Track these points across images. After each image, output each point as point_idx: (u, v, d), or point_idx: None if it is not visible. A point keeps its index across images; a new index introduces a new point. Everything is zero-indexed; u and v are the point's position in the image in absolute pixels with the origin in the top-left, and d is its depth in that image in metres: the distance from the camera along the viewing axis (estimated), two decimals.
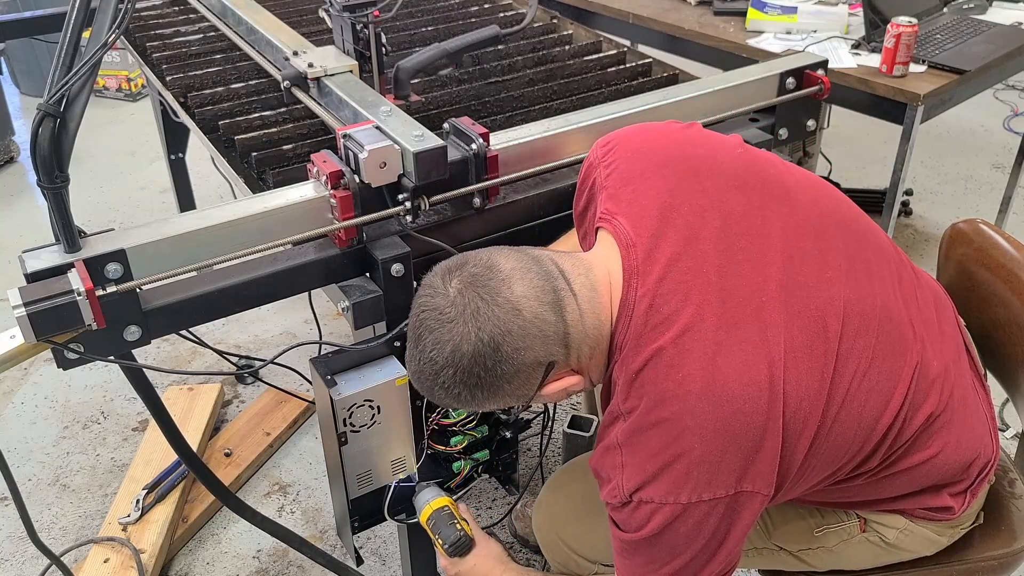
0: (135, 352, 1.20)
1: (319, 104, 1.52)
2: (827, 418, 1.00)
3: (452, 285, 0.99)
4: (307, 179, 1.26)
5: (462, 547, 1.29)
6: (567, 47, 1.99)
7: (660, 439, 0.97)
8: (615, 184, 1.11)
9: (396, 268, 1.22)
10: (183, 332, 1.21)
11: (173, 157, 2.69)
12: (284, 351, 1.25)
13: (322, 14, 1.68)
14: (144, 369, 1.27)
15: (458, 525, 1.30)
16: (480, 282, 0.98)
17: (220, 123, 1.61)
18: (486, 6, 2.26)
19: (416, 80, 1.65)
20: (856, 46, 2.25)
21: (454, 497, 1.43)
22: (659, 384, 0.97)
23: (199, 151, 2.13)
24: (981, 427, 1.17)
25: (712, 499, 0.96)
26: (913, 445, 1.08)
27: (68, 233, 1.07)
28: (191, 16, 2.19)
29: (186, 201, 2.81)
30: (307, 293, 1.32)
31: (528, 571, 1.31)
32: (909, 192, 3.33)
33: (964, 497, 1.17)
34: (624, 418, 1.00)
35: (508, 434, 1.40)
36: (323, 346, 1.29)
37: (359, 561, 1.47)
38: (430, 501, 1.32)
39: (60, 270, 1.07)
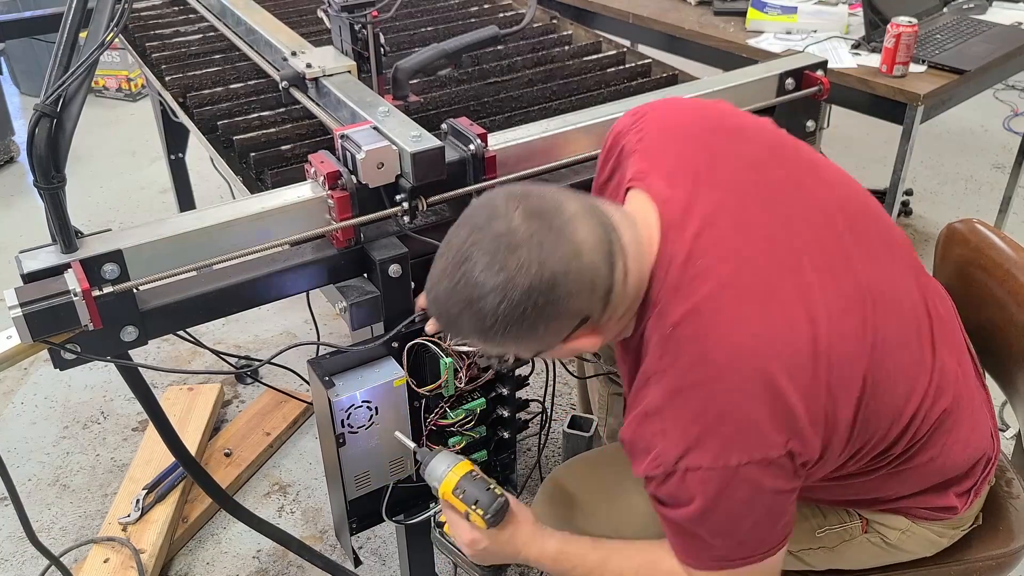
0: (133, 353, 1.20)
1: (317, 104, 1.52)
2: (866, 385, 0.97)
3: (516, 212, 0.92)
4: (305, 179, 1.26)
5: (503, 513, 1.13)
6: (567, 47, 1.99)
7: (702, 399, 0.93)
8: (647, 147, 1.09)
9: (394, 269, 1.22)
10: (181, 333, 1.21)
11: (173, 157, 2.69)
12: (280, 352, 1.25)
13: (321, 14, 1.68)
14: (141, 370, 1.27)
15: (495, 489, 1.14)
16: (547, 216, 0.92)
17: (219, 123, 1.61)
18: (485, 6, 2.26)
19: (415, 80, 1.64)
20: (856, 46, 2.25)
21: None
22: (698, 341, 0.94)
23: (199, 151, 2.13)
24: (984, 426, 1.17)
25: (764, 460, 0.92)
26: (929, 440, 1.08)
27: (65, 233, 1.07)
28: (190, 16, 2.19)
29: (186, 201, 2.81)
30: (305, 294, 1.32)
31: (571, 537, 1.17)
32: (909, 192, 3.32)
33: (968, 496, 1.17)
34: (659, 379, 0.96)
35: (506, 434, 1.40)
36: (321, 347, 1.29)
37: (357, 562, 1.47)
38: (451, 467, 1.16)
39: (57, 270, 1.07)
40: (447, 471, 1.15)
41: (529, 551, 1.14)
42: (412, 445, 1.22)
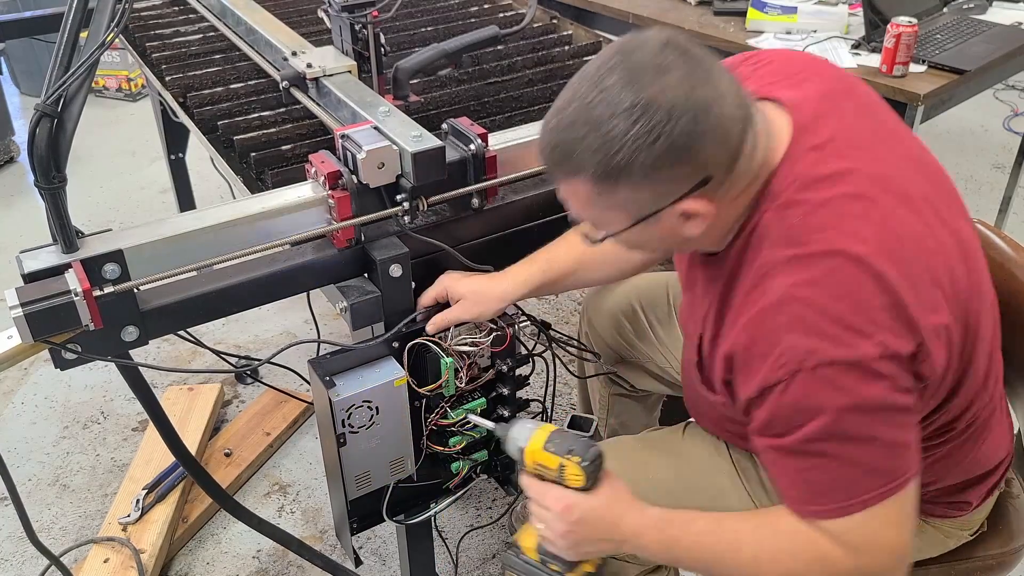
0: (133, 352, 1.20)
1: (318, 104, 1.52)
2: (970, 329, 0.97)
3: (665, 46, 0.89)
4: (305, 179, 1.26)
5: (600, 463, 1.05)
6: (567, 47, 1.99)
7: (835, 289, 0.89)
8: (764, 75, 1.08)
9: (394, 269, 1.22)
10: (181, 332, 1.21)
11: (173, 157, 2.69)
12: (280, 351, 1.24)
13: (321, 14, 1.68)
14: (142, 370, 1.27)
15: (588, 439, 1.07)
16: (694, 57, 0.89)
17: (219, 123, 1.61)
18: (486, 6, 2.26)
19: (415, 80, 1.64)
20: (856, 46, 2.25)
21: (454, 497, 1.43)
22: (832, 233, 0.91)
23: (199, 151, 2.13)
24: (1011, 424, 1.18)
25: (894, 354, 0.88)
26: (985, 424, 1.08)
27: (65, 233, 1.07)
28: (191, 16, 2.19)
29: (186, 201, 2.81)
30: (306, 294, 1.32)
31: (667, 512, 1.07)
32: None
33: (987, 496, 1.17)
34: (786, 269, 0.92)
35: None
36: (322, 346, 1.29)
37: (358, 562, 1.47)
38: (537, 427, 1.08)
39: (57, 270, 1.07)
40: (533, 430, 1.08)
41: (628, 518, 1.05)
42: (490, 424, 1.19)
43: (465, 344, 1.26)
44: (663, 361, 1.55)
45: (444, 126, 1.33)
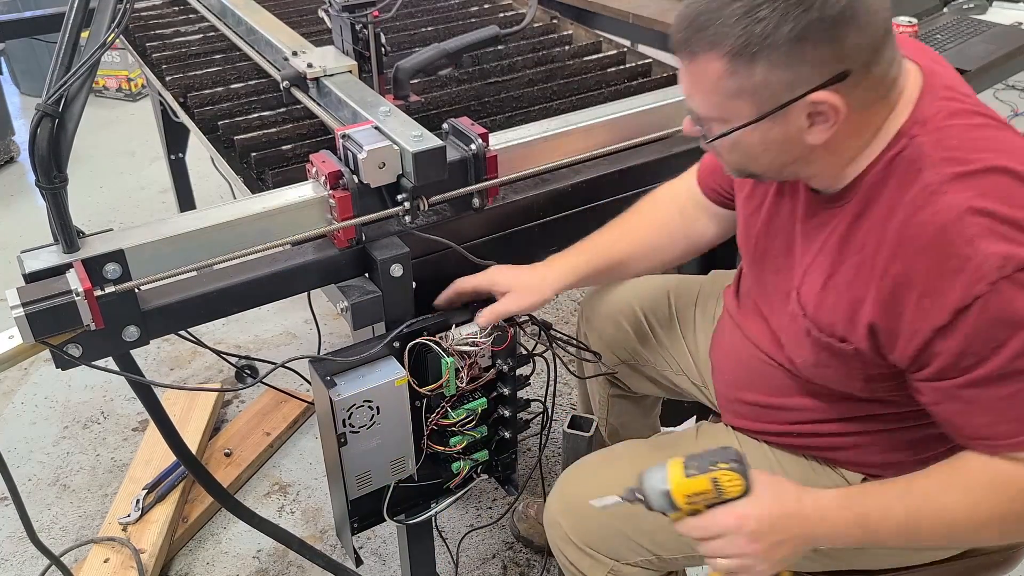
0: (133, 352, 1.20)
1: (318, 104, 1.52)
2: None
3: None
4: (306, 179, 1.26)
5: (745, 460, 1.00)
6: (567, 47, 1.99)
7: (1009, 200, 0.89)
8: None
9: (395, 268, 1.22)
10: (182, 332, 1.21)
11: (173, 157, 2.69)
12: (289, 361, 1.25)
13: (321, 14, 1.68)
14: (141, 369, 1.27)
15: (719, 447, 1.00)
16: None
17: (219, 123, 1.61)
18: (486, 6, 2.26)
19: (415, 80, 1.64)
20: None
21: (455, 497, 1.43)
22: (986, 153, 0.92)
23: (199, 151, 2.13)
24: None
25: None
26: None
27: (66, 233, 1.07)
28: (191, 16, 2.19)
29: (186, 201, 2.81)
30: (306, 293, 1.32)
31: (843, 489, 1.04)
32: None
33: None
34: (953, 188, 0.91)
35: (507, 434, 1.40)
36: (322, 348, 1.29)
37: (358, 562, 1.47)
38: (667, 464, 1.01)
39: (58, 270, 1.07)
40: (664, 469, 1.00)
41: (807, 502, 1.00)
42: (614, 498, 1.06)
43: (466, 344, 1.26)
44: (663, 365, 1.55)
45: (445, 126, 1.33)
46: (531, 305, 1.27)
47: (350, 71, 1.54)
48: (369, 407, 1.21)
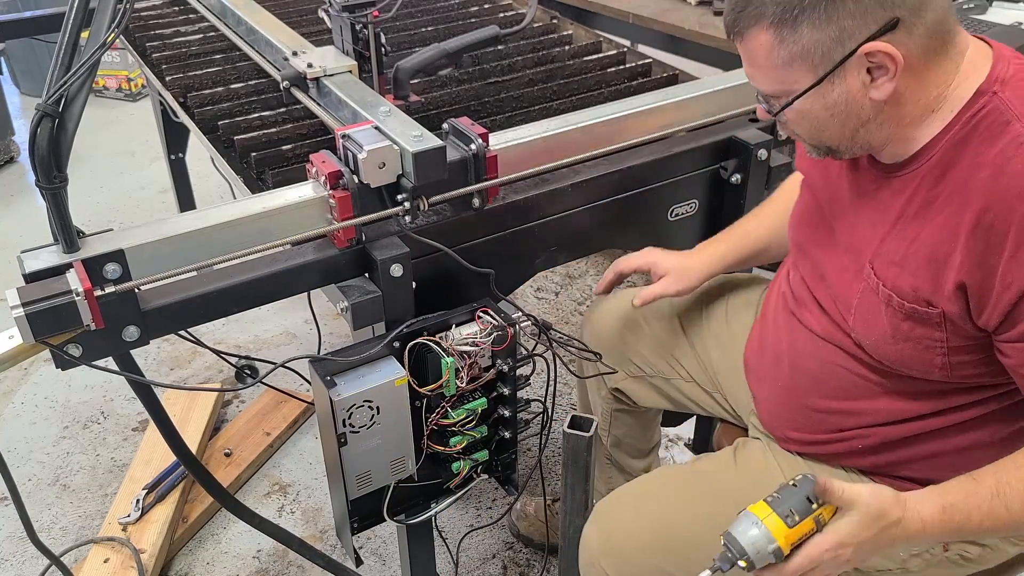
0: (133, 352, 1.20)
1: (318, 104, 1.52)
2: None
3: None
4: (306, 179, 1.26)
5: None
6: (567, 47, 1.99)
7: None
8: None
9: (395, 268, 1.22)
10: (182, 332, 1.21)
11: (173, 157, 2.69)
12: (289, 361, 1.25)
13: (322, 14, 1.68)
14: (142, 368, 1.27)
15: (794, 479, 0.97)
16: None
17: (220, 123, 1.61)
18: (486, 6, 2.26)
19: (415, 80, 1.64)
20: None
21: (455, 497, 1.43)
22: None
23: (199, 151, 2.13)
24: None
25: None
26: None
27: (67, 233, 1.07)
28: (191, 16, 2.19)
29: (186, 201, 2.81)
30: (306, 293, 1.32)
31: (938, 495, 0.99)
32: None
33: None
34: None
35: (507, 434, 1.40)
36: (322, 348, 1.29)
37: (358, 562, 1.47)
38: (758, 524, 0.96)
39: (59, 270, 1.07)
40: (757, 524, 0.95)
41: (907, 519, 0.96)
42: (708, 571, 0.99)
43: (466, 344, 1.26)
44: (670, 372, 1.53)
45: (445, 126, 1.33)
46: (684, 290, 1.36)
47: (350, 71, 1.54)
48: (369, 407, 1.21)
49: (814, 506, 0.95)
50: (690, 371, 1.52)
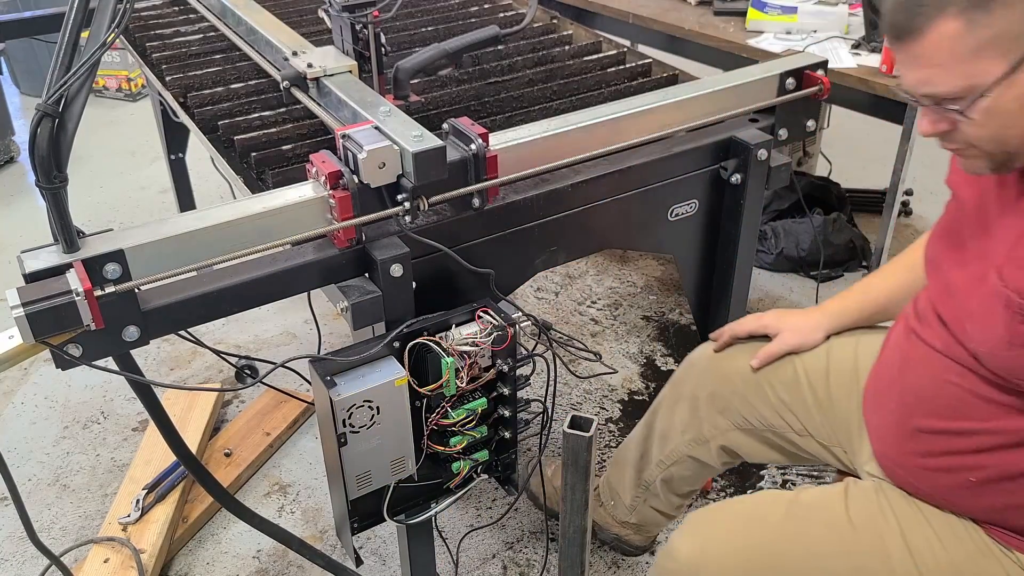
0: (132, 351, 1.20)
1: (318, 104, 1.52)
2: None
3: None
4: (306, 179, 1.26)
5: None
6: (567, 47, 1.99)
7: None
8: None
9: (395, 268, 1.22)
10: (182, 332, 1.21)
11: (173, 157, 2.69)
12: (289, 361, 1.25)
13: (322, 14, 1.68)
14: (141, 368, 1.27)
15: None
16: None
17: (220, 123, 1.61)
18: (486, 6, 2.26)
19: (416, 80, 1.65)
20: (856, 46, 2.25)
21: (455, 497, 1.43)
22: None
23: (199, 151, 2.13)
24: None
25: None
26: None
27: (67, 233, 1.07)
28: (191, 16, 2.19)
29: (186, 201, 2.82)
30: (306, 293, 1.32)
31: None
32: (909, 192, 3.32)
33: None
34: None
35: (507, 434, 1.40)
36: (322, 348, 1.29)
37: (359, 562, 1.47)
38: None
39: (59, 270, 1.07)
40: None
41: None
42: None
43: (466, 344, 1.26)
44: (783, 427, 1.47)
45: (445, 126, 1.33)
46: (802, 345, 1.40)
47: (350, 71, 1.54)
48: (369, 407, 1.21)
49: None
50: (806, 426, 1.44)
